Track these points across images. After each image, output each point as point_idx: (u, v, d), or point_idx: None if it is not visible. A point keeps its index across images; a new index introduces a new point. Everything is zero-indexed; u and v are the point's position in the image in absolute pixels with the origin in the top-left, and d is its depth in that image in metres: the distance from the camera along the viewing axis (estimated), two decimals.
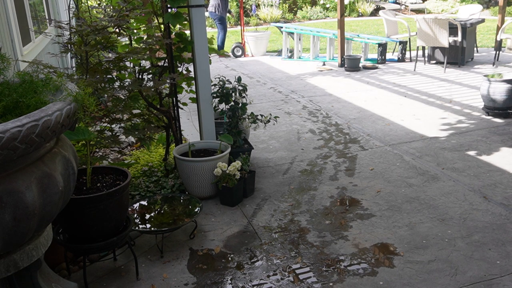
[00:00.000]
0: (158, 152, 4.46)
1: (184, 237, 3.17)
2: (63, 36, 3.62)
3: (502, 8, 8.68)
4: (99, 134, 3.50)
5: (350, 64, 8.51)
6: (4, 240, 1.64)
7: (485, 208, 3.38)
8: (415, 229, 3.14)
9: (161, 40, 3.75)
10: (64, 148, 1.92)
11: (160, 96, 3.94)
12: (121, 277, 2.77)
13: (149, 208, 3.24)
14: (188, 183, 3.68)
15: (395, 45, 9.84)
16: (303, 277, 2.69)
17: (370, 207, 3.47)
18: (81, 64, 3.52)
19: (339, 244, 3.02)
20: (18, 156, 1.55)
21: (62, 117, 1.69)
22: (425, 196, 3.60)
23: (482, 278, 2.60)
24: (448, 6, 17.59)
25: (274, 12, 16.89)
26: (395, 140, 4.86)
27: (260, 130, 5.22)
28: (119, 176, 2.72)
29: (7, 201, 1.58)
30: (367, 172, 4.10)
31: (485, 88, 5.40)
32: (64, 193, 1.84)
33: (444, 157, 4.33)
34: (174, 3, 3.64)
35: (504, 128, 5.06)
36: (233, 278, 2.72)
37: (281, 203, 3.61)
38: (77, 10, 5.93)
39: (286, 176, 4.12)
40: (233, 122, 4.11)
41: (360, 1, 18.25)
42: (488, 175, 3.91)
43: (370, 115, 5.73)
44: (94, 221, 2.47)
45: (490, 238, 2.99)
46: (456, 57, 8.23)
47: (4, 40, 3.61)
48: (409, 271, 2.70)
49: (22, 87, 1.91)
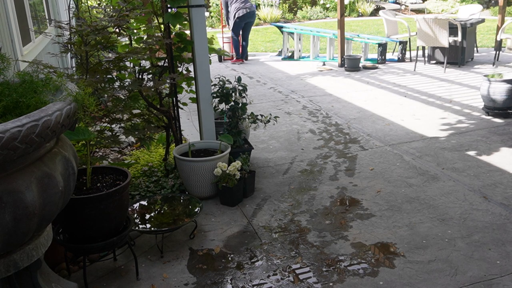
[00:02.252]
0: (158, 152, 4.46)
1: (184, 237, 3.17)
2: (63, 36, 3.62)
3: (502, 8, 8.68)
4: (99, 134, 3.50)
5: (350, 64, 8.51)
6: (4, 240, 1.64)
7: (485, 208, 3.38)
8: (415, 229, 3.14)
9: (161, 40, 3.75)
10: (64, 148, 1.92)
11: (160, 96, 3.94)
12: (121, 277, 2.77)
13: (149, 208, 3.24)
14: (188, 183, 3.68)
15: (395, 45, 9.84)
16: (303, 277, 2.69)
17: (370, 207, 3.47)
18: (81, 64, 3.52)
19: (339, 244, 3.02)
20: (18, 156, 1.55)
21: (62, 117, 1.69)
22: (425, 196, 3.60)
23: (482, 278, 2.60)
24: (448, 6, 17.58)
25: (274, 12, 16.89)
26: (395, 140, 4.86)
27: (260, 130, 5.22)
28: (119, 176, 2.72)
29: (7, 201, 1.58)
30: (367, 172, 4.10)
31: (485, 88, 5.40)
32: (64, 193, 1.84)
33: (444, 157, 4.33)
34: (174, 3, 3.65)
35: (504, 128, 5.06)
36: (233, 278, 2.72)
37: (281, 203, 3.61)
38: (77, 10, 5.93)
39: (286, 176, 4.12)
40: (233, 122, 4.11)
41: (360, 1, 18.25)
42: (488, 175, 3.91)
43: (370, 115, 5.73)
44: (94, 221, 2.47)
45: (490, 238, 2.99)
46: (456, 57, 8.23)
47: (4, 40, 3.61)
48: (409, 271, 2.70)
49: (22, 87, 1.91)
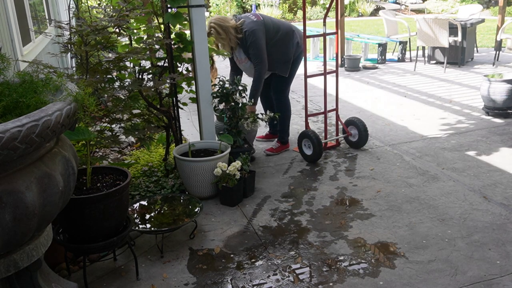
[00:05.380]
0: (158, 152, 4.46)
1: (184, 237, 3.17)
2: (63, 36, 3.62)
3: (502, 8, 8.68)
4: (99, 134, 3.50)
5: (350, 64, 8.51)
6: (4, 240, 1.64)
7: (485, 208, 3.38)
8: (415, 229, 3.14)
9: (161, 40, 3.75)
10: (64, 148, 1.92)
11: (160, 96, 3.94)
12: (121, 277, 2.76)
13: (149, 208, 3.24)
14: (188, 183, 3.68)
15: (395, 45, 9.84)
16: (303, 277, 2.69)
17: (370, 207, 3.47)
18: (81, 64, 3.52)
19: (339, 244, 3.02)
20: (18, 156, 1.55)
21: (62, 117, 1.69)
22: (425, 196, 3.60)
23: (482, 278, 2.60)
24: (448, 6, 17.59)
25: (274, 12, 16.91)
26: (395, 140, 4.86)
27: (260, 129, 5.22)
28: (119, 176, 2.72)
29: (7, 201, 1.58)
30: (367, 172, 4.10)
31: (485, 88, 5.40)
32: (64, 193, 1.84)
33: (444, 157, 4.33)
34: (174, 3, 3.64)
35: (504, 128, 5.06)
36: (233, 278, 2.72)
37: (281, 203, 3.61)
38: (77, 10, 5.93)
39: (286, 176, 4.12)
40: (233, 122, 4.10)
41: (360, 1, 18.25)
42: (488, 175, 3.91)
43: (370, 115, 5.73)
44: (94, 221, 2.47)
45: (490, 238, 2.99)
46: (456, 57, 8.23)
47: (4, 40, 3.62)
48: (409, 271, 2.70)
49: (22, 87, 1.91)
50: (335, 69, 4.61)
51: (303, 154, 4.39)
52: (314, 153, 4.27)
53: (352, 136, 4.64)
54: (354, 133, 4.62)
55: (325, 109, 4.64)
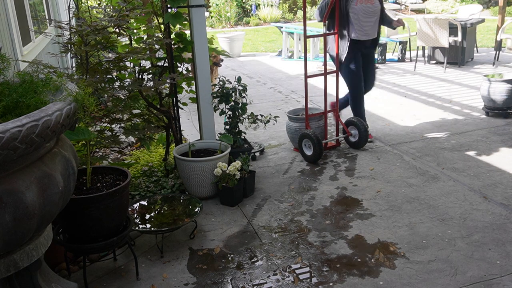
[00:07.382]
0: (158, 152, 4.46)
1: (184, 237, 3.17)
2: (63, 36, 3.62)
3: (502, 8, 8.68)
4: (99, 134, 3.50)
5: None
6: (4, 240, 1.64)
7: (485, 208, 3.38)
8: (415, 229, 3.14)
9: (161, 40, 3.75)
10: (64, 148, 1.92)
11: (160, 96, 3.94)
12: (121, 277, 2.76)
13: (149, 208, 3.24)
14: (188, 183, 3.68)
15: (395, 45, 9.84)
16: (303, 277, 2.69)
17: (370, 207, 3.47)
18: (81, 64, 3.52)
19: (339, 244, 3.02)
20: (18, 156, 1.55)
21: (62, 117, 1.69)
22: (425, 196, 3.60)
23: (482, 278, 2.60)
24: (448, 6, 17.58)
25: (274, 12, 16.90)
26: (395, 140, 4.86)
27: (260, 130, 5.22)
28: (119, 176, 2.72)
29: (7, 201, 1.58)
30: (367, 172, 4.10)
31: (485, 88, 5.40)
32: (64, 193, 1.84)
33: (444, 157, 4.33)
34: (174, 3, 3.65)
35: (504, 128, 5.06)
36: (233, 278, 2.72)
37: (281, 203, 3.61)
38: (77, 10, 5.93)
39: (286, 176, 4.12)
40: (233, 122, 4.10)
41: None
42: (488, 175, 3.91)
43: (370, 115, 5.72)
44: (94, 221, 2.47)
45: (490, 238, 2.99)
46: (456, 57, 8.23)
47: (4, 40, 3.62)
48: (409, 271, 2.70)
49: (22, 87, 1.91)
50: (335, 69, 4.62)
51: (303, 154, 4.39)
52: (314, 153, 4.27)
53: (352, 136, 4.64)
54: (354, 133, 4.62)
55: (325, 109, 4.64)
